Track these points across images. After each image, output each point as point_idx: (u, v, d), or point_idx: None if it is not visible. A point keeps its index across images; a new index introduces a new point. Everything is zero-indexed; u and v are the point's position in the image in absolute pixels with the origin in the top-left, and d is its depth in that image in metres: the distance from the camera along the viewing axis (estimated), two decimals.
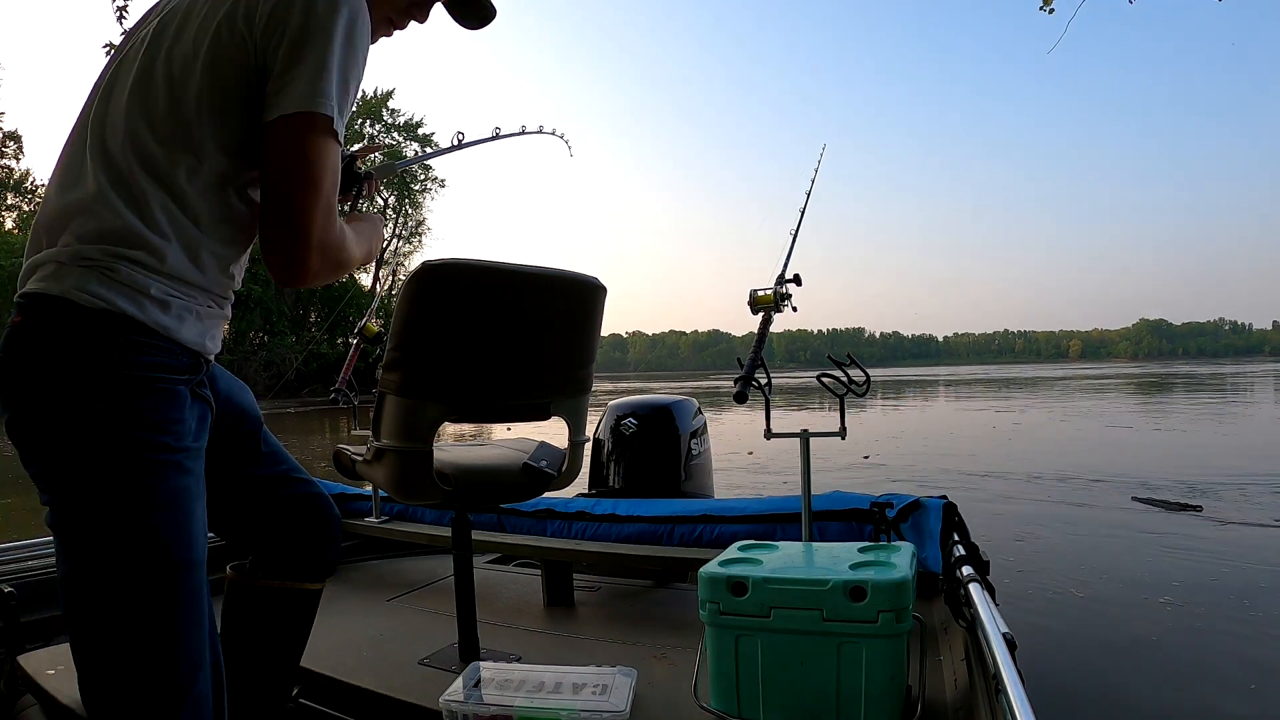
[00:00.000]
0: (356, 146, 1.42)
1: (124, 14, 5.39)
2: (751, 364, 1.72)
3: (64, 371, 0.88)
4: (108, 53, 5.25)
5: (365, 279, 38.43)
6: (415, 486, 1.47)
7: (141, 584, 0.90)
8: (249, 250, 1.06)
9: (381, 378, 1.42)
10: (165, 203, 0.93)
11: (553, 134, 2.08)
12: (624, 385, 43.25)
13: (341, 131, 0.95)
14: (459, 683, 1.38)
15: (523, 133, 1.98)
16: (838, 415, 1.77)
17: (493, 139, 1.85)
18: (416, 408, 1.41)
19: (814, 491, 1.81)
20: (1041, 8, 5.88)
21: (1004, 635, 1.08)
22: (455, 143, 1.74)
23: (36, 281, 0.91)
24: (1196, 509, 5.32)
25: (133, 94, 0.95)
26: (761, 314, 1.83)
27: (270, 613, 1.30)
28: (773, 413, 1.82)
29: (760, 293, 1.84)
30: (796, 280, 1.86)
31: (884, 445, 9.62)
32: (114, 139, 0.94)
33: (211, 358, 1.04)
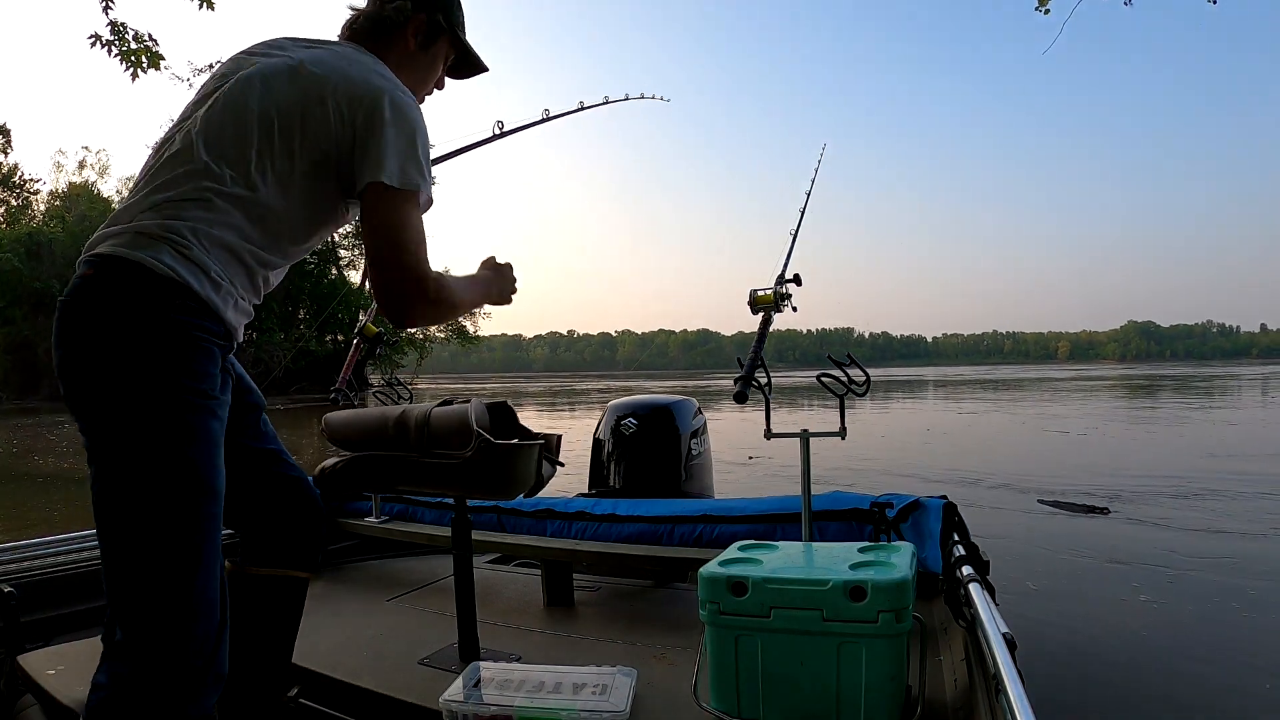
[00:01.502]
0: None
1: (110, 4, 5.33)
2: (752, 364, 1.72)
3: (130, 322, 1.05)
4: (93, 44, 5.23)
5: (355, 276, 38.52)
6: None
7: (177, 504, 1.05)
8: (282, 271, 1.25)
9: None
10: (234, 208, 1.12)
11: (641, 97, 2.08)
12: (616, 385, 43.19)
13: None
14: (459, 683, 1.38)
15: (605, 102, 1.99)
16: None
17: (578, 110, 1.91)
18: None
19: (814, 491, 1.80)
20: (1037, 8, 5.85)
21: (1004, 635, 1.08)
22: (542, 116, 1.82)
23: (112, 246, 1.08)
24: (1103, 511, 5.41)
25: (228, 117, 1.15)
26: (761, 314, 1.82)
27: (259, 601, 1.36)
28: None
29: (760, 292, 1.83)
30: (797, 280, 1.86)
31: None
32: (207, 150, 1.13)
33: (236, 344, 1.20)
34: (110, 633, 1.08)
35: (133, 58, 5.32)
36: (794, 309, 1.85)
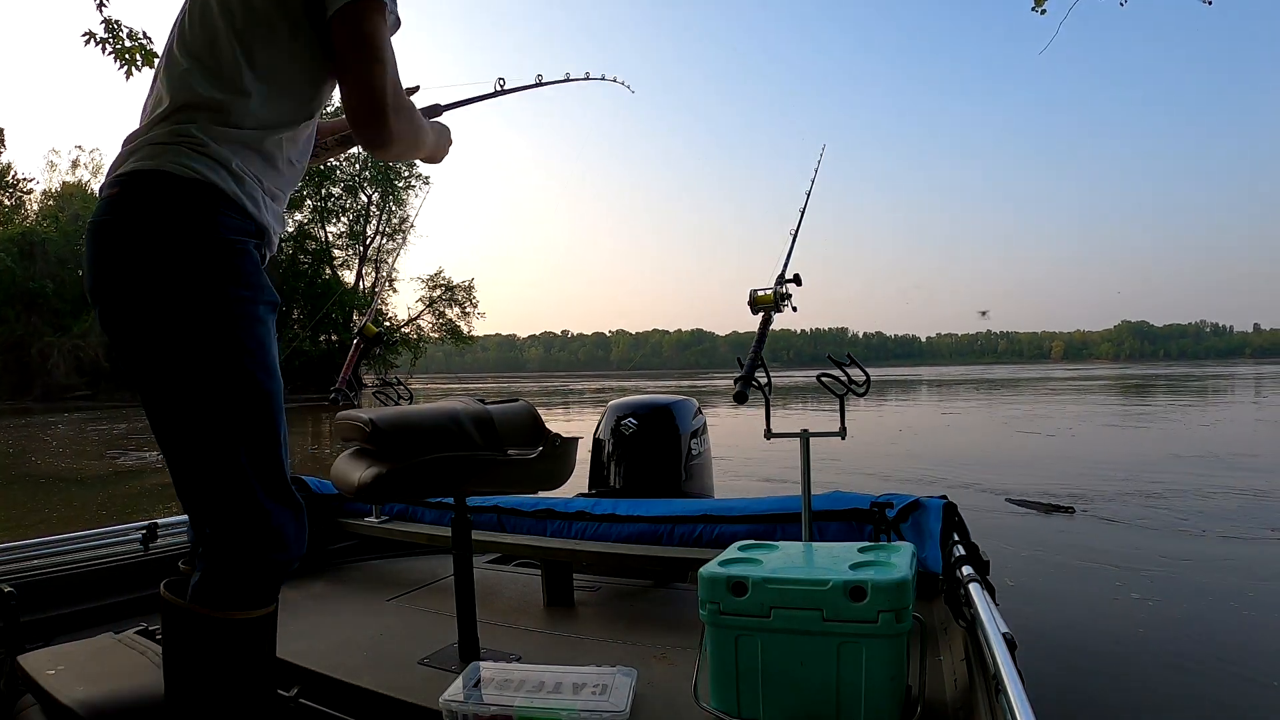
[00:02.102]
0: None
1: (104, 2, 5.31)
2: (752, 364, 1.72)
3: (166, 233, 1.05)
4: (87, 42, 5.21)
5: (349, 275, 38.44)
6: None
7: (238, 414, 1.08)
8: (302, 146, 1.23)
9: None
10: (233, 98, 1.11)
11: (603, 79, 2.01)
12: (610, 385, 43.10)
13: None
14: (459, 683, 1.37)
15: (567, 79, 1.88)
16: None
17: (535, 85, 1.79)
18: None
19: (814, 491, 1.81)
20: (1033, 9, 5.87)
21: (1004, 635, 1.08)
22: (497, 88, 1.71)
23: (133, 164, 1.08)
24: (1069, 511, 5.45)
25: (196, 18, 1.14)
26: (761, 314, 1.83)
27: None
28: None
29: (760, 292, 1.83)
30: (797, 280, 1.86)
31: (770, 446, 9.60)
32: (189, 55, 1.13)
33: (273, 240, 1.20)
34: (199, 531, 1.14)
35: (126, 55, 5.30)
36: (794, 309, 1.85)
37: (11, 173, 34.89)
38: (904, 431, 12.43)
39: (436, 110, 1.54)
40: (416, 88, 1.44)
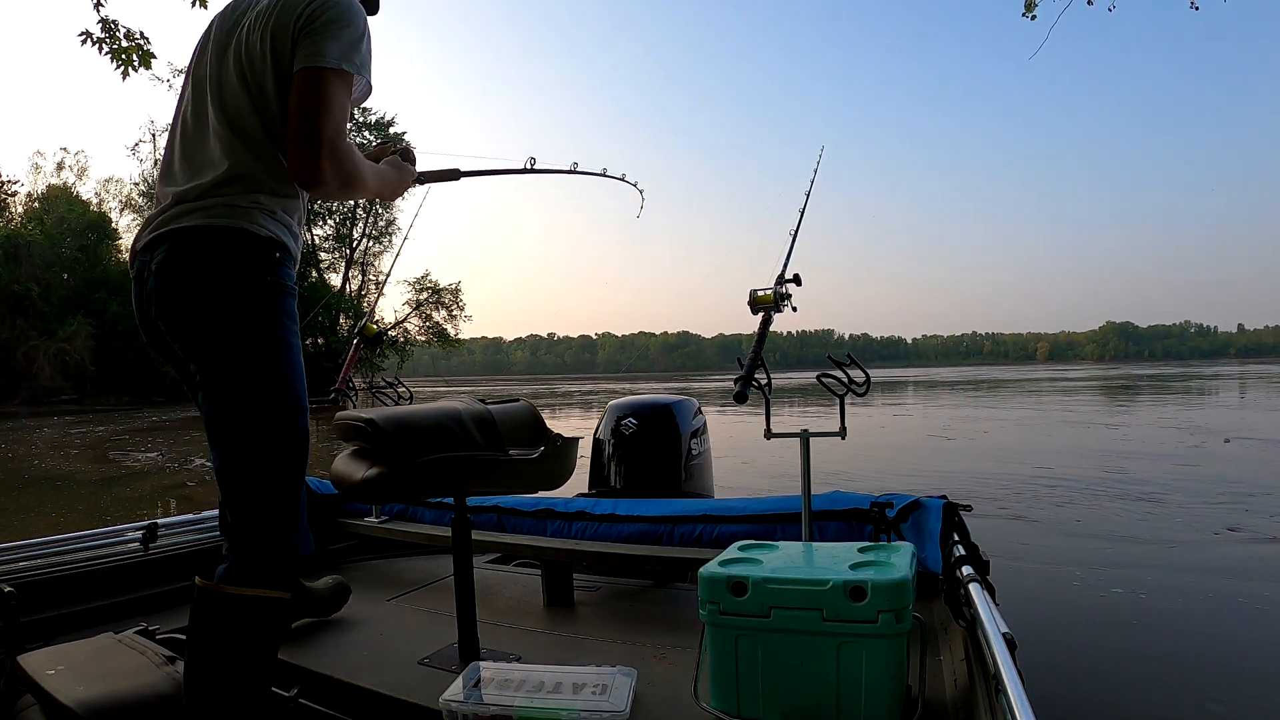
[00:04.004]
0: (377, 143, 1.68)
1: (101, 2, 5.26)
2: (751, 364, 1.73)
3: (247, 279, 1.29)
4: (83, 42, 5.17)
5: (335, 279, 38.30)
6: None
7: (285, 422, 1.31)
8: (302, 208, 1.43)
9: None
10: (259, 156, 1.33)
11: (622, 179, 2.25)
12: (602, 387, 42.90)
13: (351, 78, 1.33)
14: (459, 683, 1.37)
15: (604, 174, 2.16)
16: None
17: (569, 171, 2.07)
18: None
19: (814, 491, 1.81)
20: (1024, 14, 5.91)
21: (1004, 635, 1.08)
22: (528, 166, 1.96)
23: (202, 218, 1.29)
24: (967, 509, 5.54)
25: (226, 86, 1.35)
26: (761, 314, 1.83)
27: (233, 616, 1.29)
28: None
29: (760, 293, 1.84)
30: (796, 280, 1.87)
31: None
32: (235, 115, 1.33)
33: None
34: (224, 518, 1.32)
35: (123, 56, 5.25)
36: (794, 309, 1.85)
37: None
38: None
39: (455, 175, 1.80)
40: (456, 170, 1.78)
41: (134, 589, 2.03)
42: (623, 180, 2.23)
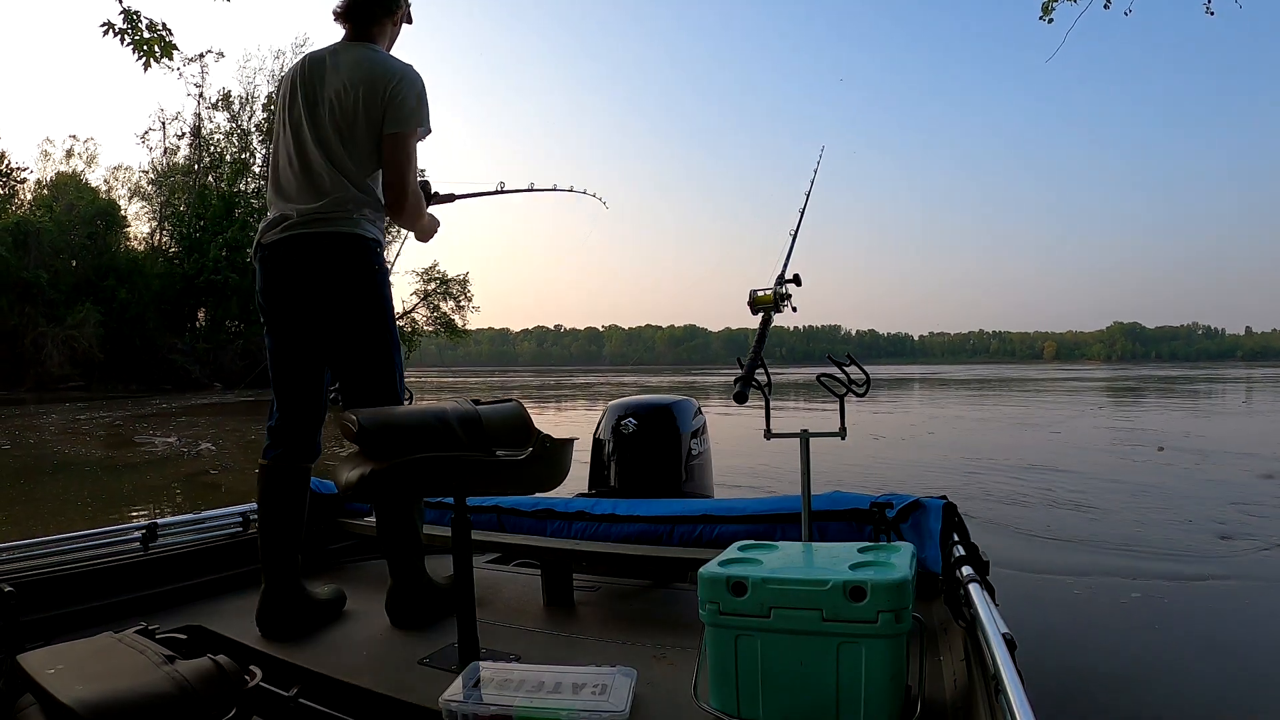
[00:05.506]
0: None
1: None
2: (752, 364, 1.72)
3: (366, 266, 1.94)
4: (105, 33, 5.15)
5: None
6: None
7: (396, 349, 2.03)
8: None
9: None
10: (356, 180, 1.95)
11: (585, 193, 2.61)
12: (603, 381, 42.77)
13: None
14: (459, 683, 1.37)
15: (555, 188, 2.50)
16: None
17: (528, 190, 2.45)
18: None
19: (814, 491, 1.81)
20: (1041, 17, 5.87)
21: (1004, 635, 1.08)
22: (498, 189, 2.42)
23: (326, 227, 1.90)
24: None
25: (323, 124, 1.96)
26: (761, 314, 1.83)
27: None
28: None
29: (760, 293, 1.84)
30: (796, 280, 1.86)
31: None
32: (337, 156, 1.94)
33: None
34: (317, 439, 2.06)
35: (145, 47, 5.24)
36: (794, 309, 1.85)
37: (5, 162, 34.59)
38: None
39: (451, 198, 2.36)
40: (422, 170, 2.26)
41: (134, 589, 2.04)
42: (586, 194, 2.61)
